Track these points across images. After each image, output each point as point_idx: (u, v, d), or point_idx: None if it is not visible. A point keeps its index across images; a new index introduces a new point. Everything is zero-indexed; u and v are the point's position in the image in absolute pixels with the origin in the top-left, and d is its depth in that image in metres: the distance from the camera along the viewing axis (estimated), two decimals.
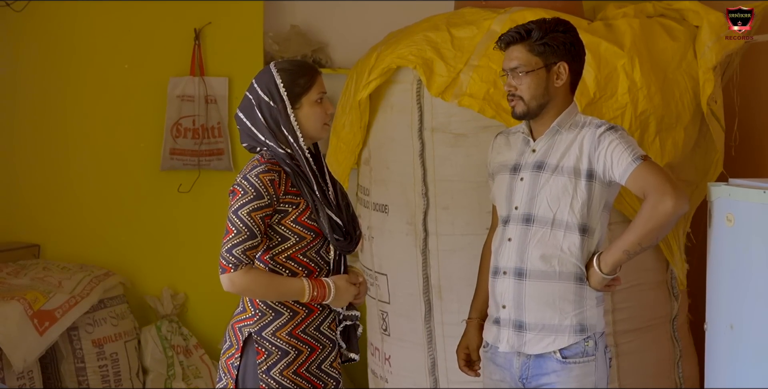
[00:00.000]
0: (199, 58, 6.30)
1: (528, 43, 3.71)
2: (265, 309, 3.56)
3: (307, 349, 3.57)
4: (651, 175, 3.58)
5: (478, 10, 4.96)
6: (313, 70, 3.61)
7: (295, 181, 3.53)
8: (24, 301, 5.48)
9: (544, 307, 3.71)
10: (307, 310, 3.58)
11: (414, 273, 4.88)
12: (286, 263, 3.56)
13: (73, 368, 5.80)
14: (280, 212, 3.51)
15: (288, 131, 3.55)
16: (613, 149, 3.62)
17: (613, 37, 4.70)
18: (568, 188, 3.67)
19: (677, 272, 4.84)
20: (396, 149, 4.92)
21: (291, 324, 3.55)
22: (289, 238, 3.54)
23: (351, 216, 3.69)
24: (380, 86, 4.90)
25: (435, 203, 4.81)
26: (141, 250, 6.39)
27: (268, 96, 3.56)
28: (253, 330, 3.56)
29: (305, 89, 3.56)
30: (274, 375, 3.52)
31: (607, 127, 3.68)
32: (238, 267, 3.44)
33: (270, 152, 3.56)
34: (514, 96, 3.74)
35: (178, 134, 6.25)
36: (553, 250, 3.70)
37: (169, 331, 6.18)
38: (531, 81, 3.70)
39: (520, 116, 3.77)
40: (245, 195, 3.46)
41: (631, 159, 3.60)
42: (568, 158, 3.69)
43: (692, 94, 4.73)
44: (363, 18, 6.49)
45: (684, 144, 4.73)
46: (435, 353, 4.85)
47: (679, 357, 4.94)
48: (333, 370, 3.65)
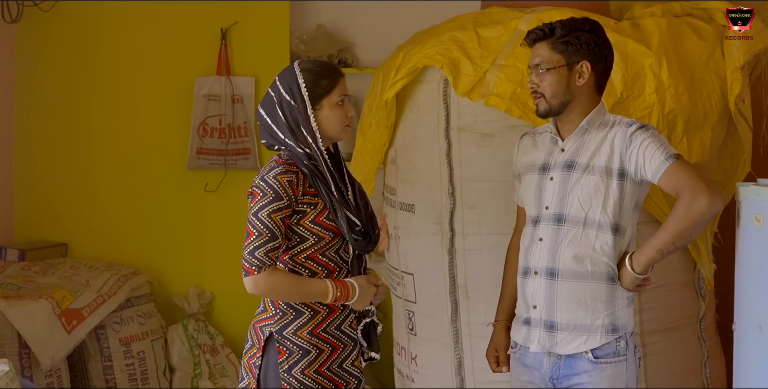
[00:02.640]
0: (226, 57, 6.32)
1: (551, 41, 3.72)
2: (285, 309, 3.57)
3: (329, 348, 3.58)
4: (684, 173, 3.57)
5: (504, 10, 4.95)
6: (337, 72, 3.61)
7: (312, 181, 3.53)
8: (52, 300, 5.51)
9: (575, 307, 3.70)
10: (328, 309, 3.59)
11: (440, 273, 4.88)
12: (306, 263, 3.57)
13: (101, 366, 5.83)
14: (299, 212, 3.52)
15: (307, 131, 3.55)
16: (645, 148, 3.61)
17: (641, 37, 4.69)
18: (600, 187, 3.66)
19: (704, 273, 4.82)
20: (422, 149, 4.92)
21: (312, 323, 3.56)
22: (307, 238, 3.55)
23: (369, 216, 3.69)
24: (407, 86, 4.90)
25: (461, 202, 4.80)
26: (168, 249, 6.42)
27: (289, 95, 3.56)
28: (275, 330, 3.57)
29: (327, 91, 3.56)
30: (295, 374, 3.53)
31: (639, 126, 3.67)
32: (261, 269, 3.44)
33: (289, 151, 3.57)
34: (537, 93, 3.74)
35: (204, 133, 6.27)
36: (585, 250, 3.69)
37: (196, 330, 6.20)
38: (552, 78, 3.70)
39: (543, 115, 3.77)
40: (264, 197, 3.47)
41: (664, 158, 3.59)
42: (599, 157, 3.68)
43: (720, 94, 4.71)
44: (389, 17, 6.49)
45: (711, 144, 4.72)
46: (461, 353, 4.85)
47: (706, 358, 4.92)
48: (355, 369, 3.66)
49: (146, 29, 6.34)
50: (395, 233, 5.09)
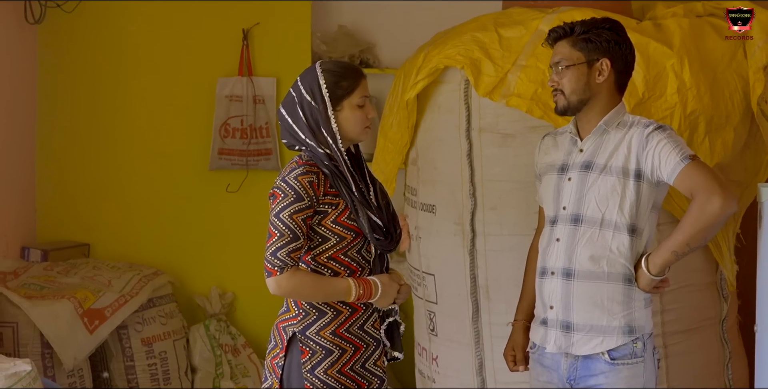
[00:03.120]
0: (248, 58, 6.33)
1: (572, 39, 3.73)
2: (308, 309, 3.57)
3: (351, 348, 3.58)
4: (699, 174, 3.56)
5: (526, 10, 4.94)
6: (358, 73, 3.61)
7: (333, 182, 3.53)
8: (74, 300, 5.53)
9: (592, 308, 3.70)
10: (351, 309, 3.59)
11: (461, 274, 4.88)
12: (328, 263, 3.57)
13: (123, 366, 5.85)
14: (320, 213, 3.52)
15: (327, 132, 3.55)
16: (661, 149, 3.61)
17: (662, 37, 4.67)
18: (617, 188, 3.66)
19: (727, 274, 4.80)
20: (443, 149, 4.92)
21: (335, 323, 3.57)
22: (329, 238, 3.55)
23: (391, 216, 3.69)
24: (428, 86, 4.90)
25: (482, 203, 4.80)
26: (189, 249, 6.43)
27: (310, 96, 3.57)
28: (297, 330, 3.57)
29: (348, 92, 3.56)
30: (318, 374, 3.53)
31: (656, 126, 3.67)
32: (283, 270, 3.45)
33: (309, 151, 3.57)
34: (557, 91, 3.75)
35: (226, 134, 6.29)
36: (601, 250, 3.69)
37: (218, 330, 6.22)
38: (572, 75, 3.70)
39: (561, 112, 3.77)
40: (285, 198, 3.47)
41: (680, 159, 3.58)
42: (616, 157, 3.68)
43: (742, 94, 4.70)
44: (410, 18, 6.49)
45: (734, 144, 4.70)
46: (482, 353, 4.85)
47: (728, 359, 4.90)
48: (377, 369, 3.66)
49: (168, 30, 6.36)
50: (416, 233, 5.09)
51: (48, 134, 6.36)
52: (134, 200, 6.43)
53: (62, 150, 6.38)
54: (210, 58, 6.36)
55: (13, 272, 5.79)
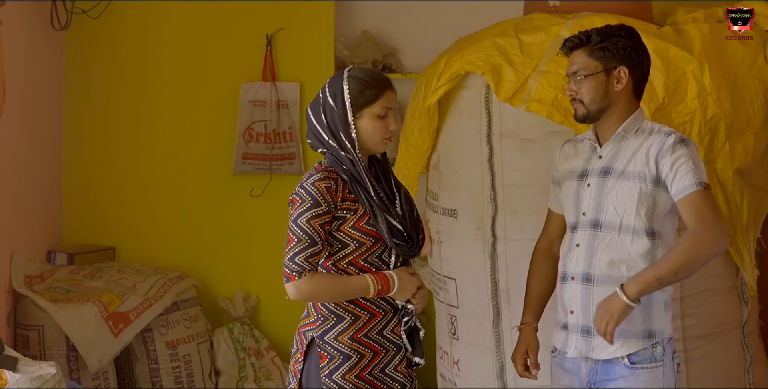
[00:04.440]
0: (271, 63, 6.36)
1: (588, 48, 3.74)
2: (327, 314, 3.59)
3: (370, 353, 3.59)
4: (704, 205, 3.60)
5: (546, 16, 4.96)
6: (383, 84, 3.60)
7: (352, 187, 3.55)
8: (99, 303, 5.57)
9: None
10: (369, 314, 3.61)
11: (482, 278, 4.90)
12: (348, 269, 3.59)
13: (147, 369, 5.87)
14: (339, 218, 3.54)
15: (346, 137, 3.56)
16: (681, 164, 3.63)
17: (683, 42, 4.68)
18: (633, 192, 3.67)
19: (747, 278, 4.80)
20: (464, 154, 4.94)
21: (353, 328, 3.58)
22: (348, 244, 3.57)
23: (415, 221, 3.70)
24: (449, 92, 4.93)
25: (503, 208, 4.82)
26: (214, 253, 6.46)
27: (333, 100, 3.58)
28: (316, 335, 3.60)
29: (370, 101, 3.56)
30: (336, 378, 3.55)
31: (680, 138, 3.68)
32: (301, 275, 3.48)
33: (332, 154, 3.59)
34: (575, 100, 3.76)
35: (250, 138, 6.32)
36: (621, 255, 3.70)
37: (241, 333, 6.24)
38: (590, 85, 3.72)
39: (581, 120, 3.79)
40: (303, 203, 3.50)
41: (694, 181, 3.61)
42: (634, 163, 3.69)
43: (763, 99, 4.70)
44: (433, 23, 6.50)
45: (754, 149, 4.70)
46: (503, 357, 4.86)
47: (749, 363, 4.90)
48: (398, 374, 3.66)
49: (193, 36, 6.39)
50: (438, 238, 5.11)
51: (74, 139, 6.40)
52: (159, 205, 6.46)
53: (88, 155, 6.42)
54: (234, 63, 6.39)
55: (40, 276, 5.82)
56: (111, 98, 6.41)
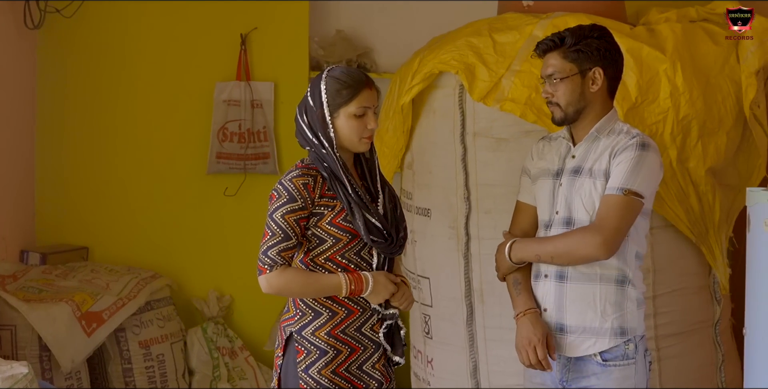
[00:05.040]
0: (245, 63, 6.35)
1: (562, 50, 3.74)
2: (305, 309, 3.62)
3: (347, 349, 3.62)
4: (614, 212, 3.62)
5: (520, 16, 4.98)
6: (361, 84, 3.61)
7: (331, 184, 3.58)
8: (72, 303, 5.55)
9: (585, 309, 3.72)
10: (347, 311, 3.63)
11: (456, 277, 4.91)
12: (325, 265, 3.61)
13: (120, 369, 5.86)
14: (316, 214, 3.57)
15: (324, 136, 3.59)
16: (621, 164, 3.65)
17: (656, 42, 4.70)
18: (600, 190, 3.69)
19: (719, 277, 4.82)
20: (438, 154, 4.95)
21: (330, 323, 3.61)
22: (325, 240, 3.60)
23: (396, 219, 3.72)
24: (423, 91, 4.94)
25: (477, 207, 4.83)
26: (188, 253, 6.44)
27: (312, 99, 3.62)
28: (294, 329, 3.62)
29: (346, 101, 3.58)
30: (312, 373, 3.58)
31: (639, 142, 3.69)
32: (273, 268, 3.52)
33: (314, 151, 3.62)
34: (552, 103, 3.77)
35: (224, 138, 6.30)
36: None
37: (215, 333, 6.23)
38: (566, 87, 3.72)
39: (559, 122, 3.79)
40: (279, 199, 3.54)
41: (620, 186, 3.63)
42: (600, 162, 3.71)
43: (735, 99, 4.73)
44: (407, 22, 6.49)
45: (726, 149, 4.73)
46: (477, 356, 4.87)
47: (721, 362, 4.92)
48: (376, 372, 3.67)
49: (167, 35, 6.37)
50: (412, 237, 5.11)
51: (47, 138, 6.38)
52: (133, 204, 6.44)
53: (61, 154, 6.40)
54: (208, 62, 6.37)
55: (12, 276, 5.81)
56: (84, 97, 6.38)
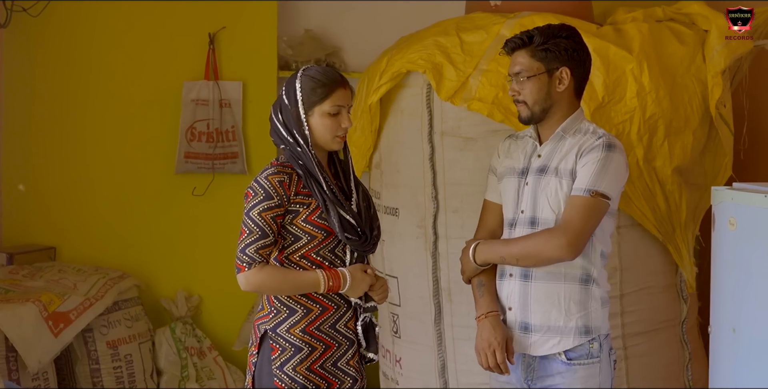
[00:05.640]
0: (214, 62, 6.34)
1: (530, 49, 3.74)
2: (279, 307, 3.64)
3: (322, 346, 3.64)
4: (580, 213, 3.63)
5: (487, 15, 4.99)
6: (336, 83, 3.65)
7: (306, 182, 3.60)
8: (39, 303, 5.52)
9: (549, 308, 3.73)
10: (321, 308, 3.65)
11: (424, 276, 4.92)
12: (300, 262, 3.63)
13: (88, 369, 5.84)
14: (292, 212, 3.59)
15: (299, 134, 3.63)
16: (587, 165, 3.66)
17: (622, 42, 4.72)
18: (565, 189, 3.69)
19: (686, 276, 4.85)
20: (406, 153, 4.96)
21: (305, 320, 3.62)
22: (301, 237, 3.62)
23: (370, 217, 3.76)
24: (391, 90, 4.94)
25: (445, 206, 4.84)
26: (156, 252, 6.43)
27: (287, 98, 3.66)
28: (269, 327, 3.64)
29: (321, 99, 3.62)
30: (287, 370, 3.59)
31: (605, 142, 3.69)
32: (251, 266, 3.53)
33: (289, 149, 3.65)
34: (519, 101, 3.77)
35: (192, 137, 6.29)
36: None
37: (183, 333, 6.22)
38: (533, 86, 3.73)
39: (525, 121, 3.80)
40: (255, 196, 3.57)
41: (586, 187, 3.64)
42: (566, 162, 3.71)
43: (701, 98, 4.75)
44: (376, 22, 6.51)
45: (693, 148, 4.75)
46: (445, 355, 4.88)
47: (688, 360, 4.95)
48: (350, 368, 3.71)
49: (135, 34, 6.36)
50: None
51: (14, 138, 6.35)
52: (101, 204, 6.42)
53: (28, 153, 6.37)
54: (176, 62, 6.36)
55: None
56: (52, 96, 6.36)
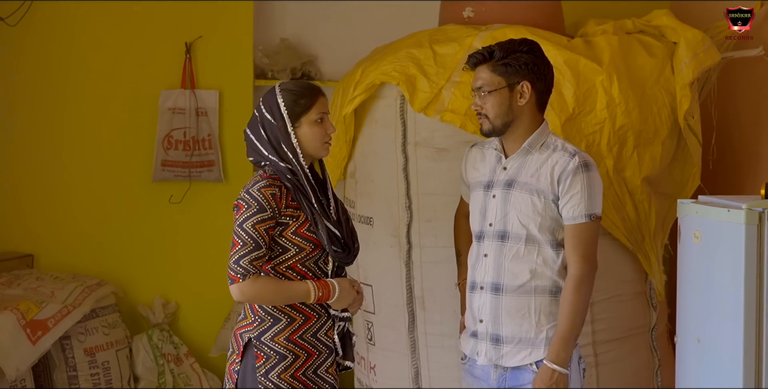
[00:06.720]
0: (190, 71, 6.36)
1: (491, 64, 3.80)
2: (264, 316, 3.69)
3: (304, 354, 3.69)
4: (586, 240, 3.76)
5: (460, 27, 5.03)
6: (315, 92, 3.73)
7: (294, 195, 3.66)
8: (17, 311, 5.54)
9: (520, 321, 3.80)
10: (304, 317, 3.70)
11: (398, 284, 4.96)
12: (287, 273, 3.68)
13: (66, 376, 5.85)
14: (281, 224, 3.64)
15: (288, 148, 3.68)
16: (577, 192, 3.74)
17: (592, 54, 4.78)
18: (537, 207, 3.76)
19: (655, 284, 4.90)
20: (380, 163, 5.00)
21: (288, 329, 3.67)
22: (289, 249, 3.67)
23: (351, 230, 3.82)
24: (365, 101, 4.98)
25: (418, 216, 4.88)
26: (133, 260, 6.45)
27: (270, 114, 3.70)
28: (253, 336, 3.69)
29: (305, 109, 3.68)
30: (272, 378, 3.64)
31: (582, 161, 3.77)
32: (246, 277, 3.57)
33: (272, 166, 3.69)
34: (481, 115, 3.83)
35: (169, 145, 6.31)
36: (528, 265, 3.80)
37: (160, 340, 6.24)
38: (494, 100, 3.79)
39: (487, 134, 3.87)
40: (249, 209, 3.60)
41: (584, 213, 3.73)
42: (537, 179, 3.78)
43: (670, 110, 4.81)
44: (351, 31, 6.53)
45: (662, 158, 4.81)
46: (418, 362, 4.93)
47: (658, 366, 5.00)
48: (329, 376, 3.76)
49: (111, 43, 6.37)
50: None
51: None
52: (78, 211, 6.44)
53: (6, 160, 6.36)
54: (153, 70, 6.38)
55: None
56: (29, 104, 6.36)
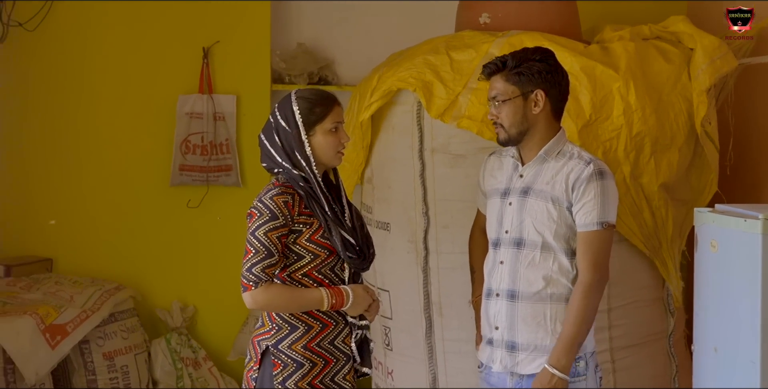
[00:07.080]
0: (208, 76, 6.38)
1: (505, 73, 3.82)
2: (281, 323, 3.70)
3: (321, 362, 3.70)
4: (599, 248, 3.76)
5: (477, 34, 5.04)
6: (331, 101, 3.74)
7: (308, 202, 3.66)
8: (36, 316, 5.57)
9: (536, 328, 3.80)
10: (322, 324, 3.71)
11: (415, 290, 4.97)
12: (302, 280, 3.69)
13: (85, 380, 5.88)
14: (295, 231, 3.65)
15: (301, 155, 3.69)
16: (589, 200, 3.74)
17: (609, 60, 4.78)
18: (553, 214, 3.77)
19: (673, 290, 4.90)
20: (397, 169, 5.01)
21: (306, 337, 3.69)
22: (304, 256, 3.68)
23: (365, 236, 3.83)
24: (382, 107, 5.00)
25: (435, 221, 4.89)
26: (151, 264, 6.48)
27: (285, 122, 3.70)
28: (270, 344, 3.70)
29: (320, 118, 3.69)
30: (289, 385, 3.65)
31: (597, 169, 3.77)
32: (258, 285, 3.58)
33: (285, 173, 3.70)
34: (497, 124, 3.85)
35: (187, 150, 6.33)
36: (544, 272, 3.80)
37: (179, 344, 6.26)
38: (509, 109, 3.81)
39: (503, 143, 3.88)
40: (261, 217, 3.61)
41: (597, 220, 3.73)
42: (553, 186, 3.79)
43: (687, 116, 4.81)
44: (368, 35, 6.55)
45: (679, 164, 4.81)
46: (436, 368, 4.94)
47: (675, 373, 5.00)
48: (346, 383, 3.77)
49: (130, 48, 6.39)
50: None
51: (10, 149, 6.38)
52: (97, 216, 6.47)
53: (24, 166, 6.41)
54: (171, 75, 6.40)
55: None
56: (48, 109, 6.39)
